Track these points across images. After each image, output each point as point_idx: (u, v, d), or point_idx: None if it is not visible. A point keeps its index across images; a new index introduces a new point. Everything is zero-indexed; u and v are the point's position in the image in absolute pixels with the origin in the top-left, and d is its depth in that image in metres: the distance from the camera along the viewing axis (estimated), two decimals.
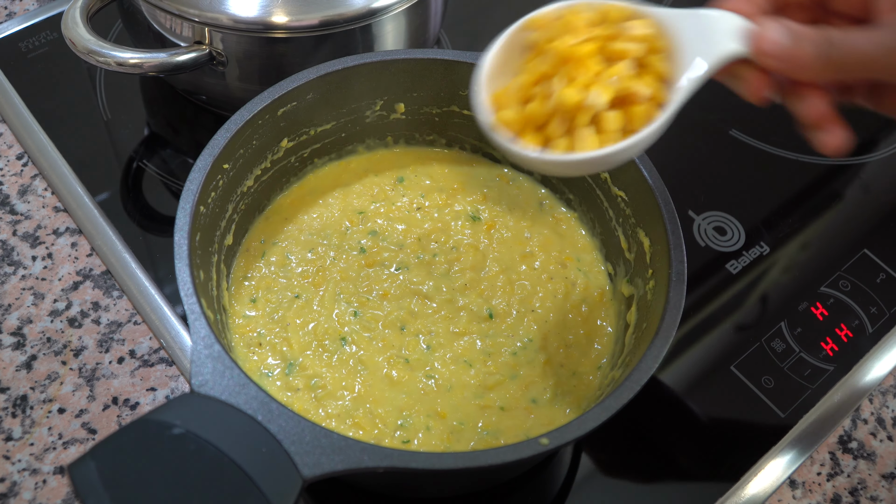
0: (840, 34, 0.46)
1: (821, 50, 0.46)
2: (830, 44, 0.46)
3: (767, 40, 0.47)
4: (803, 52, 0.46)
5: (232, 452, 0.45)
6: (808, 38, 0.46)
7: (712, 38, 0.49)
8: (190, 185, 0.60)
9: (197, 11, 0.74)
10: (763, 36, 0.48)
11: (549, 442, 0.50)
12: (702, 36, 0.49)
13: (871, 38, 0.45)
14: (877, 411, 0.73)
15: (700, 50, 0.49)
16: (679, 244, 0.59)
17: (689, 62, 0.49)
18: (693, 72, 0.49)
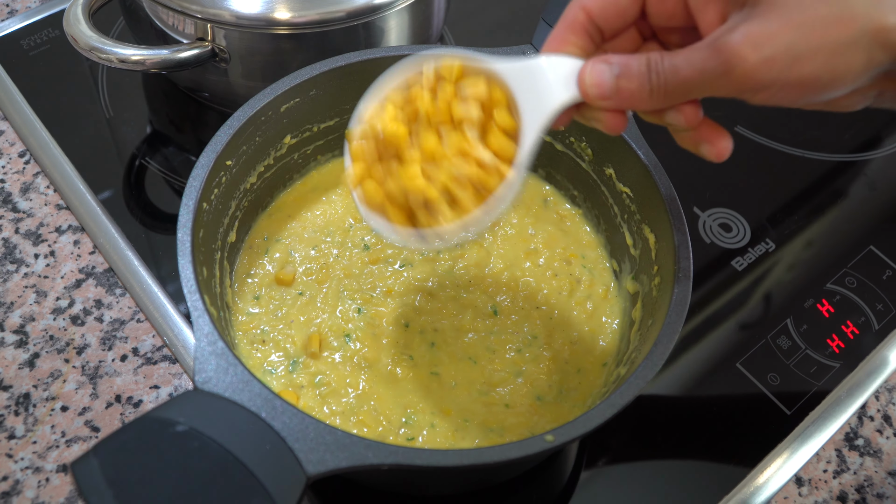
0: (659, 59, 0.45)
1: (643, 79, 0.45)
2: (650, 70, 0.45)
3: (590, 83, 0.47)
4: (628, 87, 0.46)
5: (236, 450, 0.45)
6: (628, 69, 0.46)
7: (543, 91, 0.49)
8: (193, 182, 0.60)
9: (199, 8, 0.73)
10: (585, 78, 0.47)
11: (554, 439, 0.49)
12: (533, 90, 0.49)
13: (688, 60, 0.44)
14: (883, 408, 0.72)
15: (534, 105, 0.49)
16: (685, 241, 0.59)
17: (527, 119, 0.50)
18: (530, 130, 0.49)
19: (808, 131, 0.92)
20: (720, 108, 0.92)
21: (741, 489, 0.66)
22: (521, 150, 0.50)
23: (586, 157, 0.70)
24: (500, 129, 0.50)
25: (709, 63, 0.42)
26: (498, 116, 0.50)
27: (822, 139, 0.92)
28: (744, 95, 0.43)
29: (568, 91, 0.48)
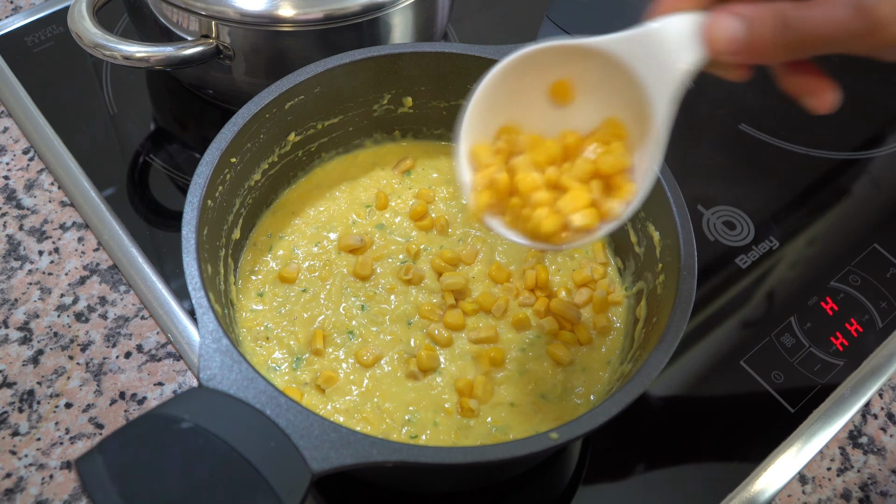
0: (794, 11, 0.43)
1: (777, 33, 0.43)
2: (785, 25, 0.43)
3: (720, 39, 0.45)
4: (760, 40, 0.44)
5: (240, 447, 0.45)
6: (762, 23, 0.43)
7: (665, 58, 0.46)
8: (197, 179, 0.60)
9: (203, 5, 0.73)
10: (714, 35, 0.45)
11: (558, 436, 0.49)
12: (654, 59, 0.46)
13: (827, 17, 0.42)
14: (887, 406, 0.72)
15: (658, 77, 0.47)
16: (689, 238, 0.59)
17: (654, 94, 0.47)
18: (661, 105, 0.47)
19: (811, 129, 0.92)
20: (725, 106, 0.92)
21: (745, 487, 0.66)
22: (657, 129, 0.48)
23: None
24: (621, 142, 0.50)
25: (852, 24, 0.41)
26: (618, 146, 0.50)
27: (825, 137, 0.92)
28: (877, 55, 0.43)
29: (693, 52, 0.46)
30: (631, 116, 0.49)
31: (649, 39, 0.46)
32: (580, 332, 0.66)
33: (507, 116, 0.52)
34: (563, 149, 0.51)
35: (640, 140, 0.50)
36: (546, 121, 0.52)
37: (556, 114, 0.51)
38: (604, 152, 0.50)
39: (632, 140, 0.50)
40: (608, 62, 0.48)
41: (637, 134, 0.50)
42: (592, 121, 0.51)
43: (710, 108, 0.92)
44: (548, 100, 0.51)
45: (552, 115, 0.51)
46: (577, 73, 0.50)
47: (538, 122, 0.52)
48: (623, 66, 0.47)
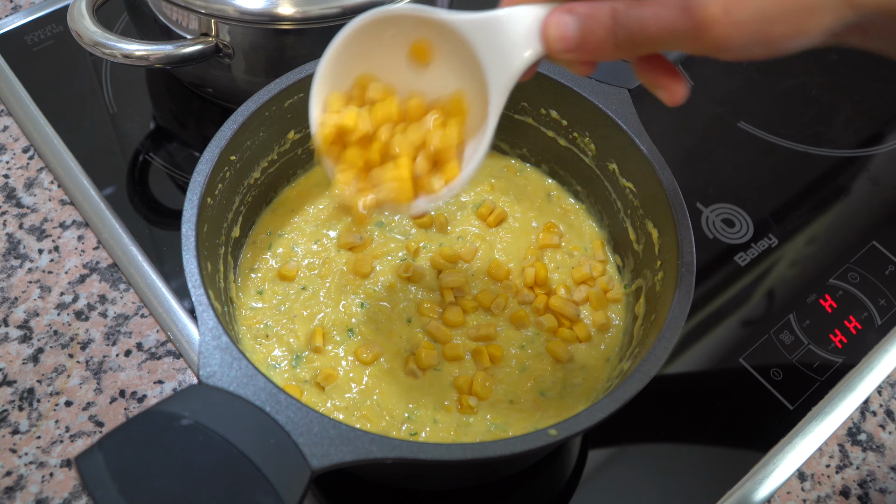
0: (626, 10, 0.43)
1: (609, 32, 0.43)
2: (616, 24, 0.43)
3: (554, 37, 0.45)
4: (592, 38, 0.44)
5: (240, 444, 0.45)
6: (594, 21, 0.44)
7: (506, 48, 0.47)
8: (197, 177, 0.60)
9: (203, 3, 0.73)
10: (549, 32, 0.46)
11: (557, 433, 0.49)
12: (496, 46, 0.48)
13: (657, 16, 0.42)
14: (886, 403, 0.72)
15: (497, 65, 0.48)
16: (688, 236, 0.59)
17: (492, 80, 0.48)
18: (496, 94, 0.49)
19: (810, 127, 0.92)
20: (724, 103, 0.92)
21: (744, 484, 0.66)
22: (490, 116, 0.49)
23: (590, 152, 0.70)
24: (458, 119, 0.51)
25: (679, 24, 0.41)
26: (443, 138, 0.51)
27: (824, 135, 0.92)
28: (710, 55, 0.42)
29: (532, 46, 0.47)
30: (474, 95, 0.51)
31: (496, 26, 0.47)
32: (579, 329, 0.66)
33: (365, 66, 0.53)
34: (404, 110, 0.52)
35: (477, 122, 0.51)
36: (402, 77, 0.53)
37: (412, 72, 0.52)
38: (438, 124, 0.52)
39: (470, 120, 0.52)
40: (459, 39, 0.49)
41: (475, 115, 0.51)
42: (443, 88, 0.52)
43: (710, 106, 0.92)
44: (407, 57, 0.52)
45: (408, 73, 0.52)
46: (435, 39, 0.51)
47: (394, 77, 0.53)
48: (469, 48, 0.49)
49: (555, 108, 0.70)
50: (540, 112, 0.72)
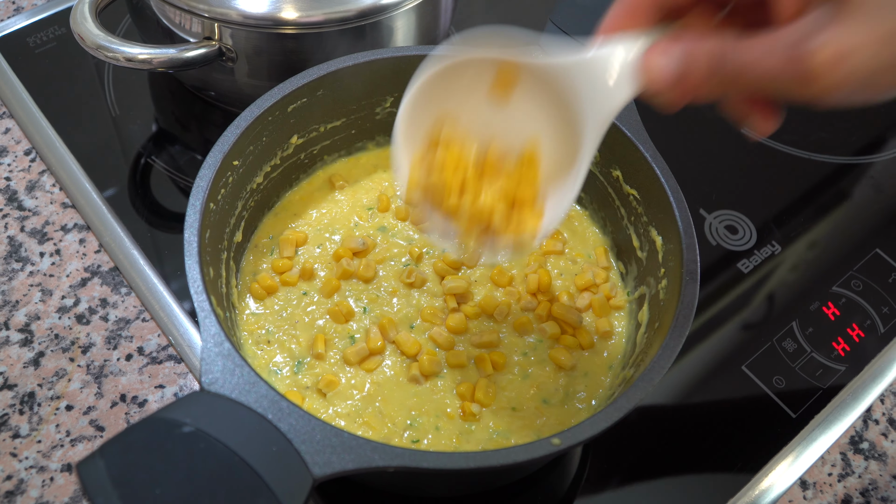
0: (730, 51, 0.41)
1: (712, 72, 0.42)
2: (721, 64, 0.42)
3: (655, 77, 0.44)
4: (694, 77, 0.43)
5: (242, 451, 0.45)
6: (697, 59, 0.42)
7: (604, 87, 0.46)
8: (200, 182, 0.60)
9: (206, 7, 0.73)
10: (648, 72, 0.44)
11: (560, 442, 0.49)
12: (593, 87, 0.46)
13: (763, 61, 0.40)
14: (888, 412, 0.72)
15: (594, 106, 0.47)
16: (692, 243, 0.59)
17: (588, 120, 0.48)
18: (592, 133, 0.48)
19: (813, 133, 0.92)
20: None
21: (746, 492, 0.66)
22: (582, 159, 0.48)
23: (594, 158, 0.70)
24: None
25: (786, 71, 0.39)
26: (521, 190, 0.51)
27: (827, 141, 0.92)
28: (813, 103, 0.41)
29: (629, 86, 0.46)
30: (557, 132, 0.50)
31: (591, 68, 0.46)
32: (582, 336, 0.66)
33: (444, 104, 0.52)
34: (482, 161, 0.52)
35: (561, 157, 0.50)
36: (479, 113, 0.52)
37: (490, 107, 0.51)
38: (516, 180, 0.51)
39: (553, 156, 0.51)
40: (550, 81, 0.48)
41: (559, 151, 0.50)
42: (523, 125, 0.51)
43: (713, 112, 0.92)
44: (487, 93, 0.51)
45: (487, 108, 0.51)
46: (520, 76, 0.50)
47: (472, 113, 0.52)
48: (562, 90, 0.48)
49: None
50: None
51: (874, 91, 0.40)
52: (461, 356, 0.64)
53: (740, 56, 0.41)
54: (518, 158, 0.51)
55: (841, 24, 0.38)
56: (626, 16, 0.45)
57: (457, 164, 0.51)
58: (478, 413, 0.61)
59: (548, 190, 0.51)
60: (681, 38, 0.44)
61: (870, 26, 0.38)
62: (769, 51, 0.40)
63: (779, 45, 0.40)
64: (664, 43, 0.44)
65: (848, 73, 0.38)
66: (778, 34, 0.40)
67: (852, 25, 0.38)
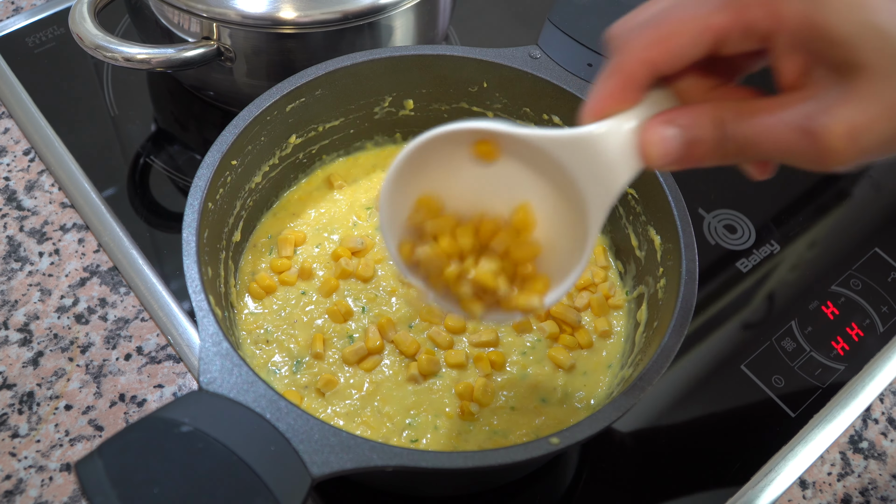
0: (735, 121, 0.40)
1: (716, 144, 0.41)
2: (724, 136, 0.40)
3: (656, 154, 0.42)
4: (697, 150, 0.41)
5: (240, 451, 0.44)
6: (699, 132, 0.41)
7: (603, 168, 0.44)
8: (198, 182, 0.60)
9: (205, 7, 0.73)
10: (648, 150, 0.42)
11: (559, 441, 0.49)
12: (591, 167, 0.44)
13: (771, 133, 0.39)
14: (888, 411, 0.72)
15: (595, 188, 0.44)
16: (691, 242, 0.59)
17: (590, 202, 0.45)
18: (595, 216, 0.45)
19: None
20: None
21: (745, 492, 0.66)
22: (589, 236, 0.46)
23: None
24: None
25: (799, 145, 0.38)
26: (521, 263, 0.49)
27: None
28: (817, 170, 0.40)
29: (630, 164, 0.43)
30: (553, 201, 0.47)
31: (588, 146, 0.43)
32: (581, 335, 0.66)
33: (428, 177, 0.49)
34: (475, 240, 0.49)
35: (561, 230, 0.48)
36: (465, 185, 0.49)
37: (475, 179, 0.48)
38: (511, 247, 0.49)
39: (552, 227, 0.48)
40: (539, 153, 0.45)
41: (558, 220, 0.48)
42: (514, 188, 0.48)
43: None
44: (469, 163, 0.48)
45: (471, 179, 0.48)
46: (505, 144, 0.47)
47: (457, 186, 0.49)
48: (556, 165, 0.45)
49: (557, 113, 0.70)
50: (542, 117, 0.71)
51: (886, 155, 0.39)
52: (460, 355, 0.64)
53: (749, 127, 0.40)
54: (510, 224, 0.49)
55: (853, 98, 0.37)
56: (618, 94, 0.43)
57: (450, 237, 0.49)
58: (476, 412, 0.61)
59: (552, 256, 0.49)
60: (681, 110, 0.42)
61: (881, 99, 0.37)
62: (780, 123, 0.39)
63: (790, 118, 0.39)
64: (665, 116, 0.42)
65: (863, 148, 0.37)
66: (787, 106, 0.39)
67: (865, 99, 0.37)
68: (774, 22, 0.38)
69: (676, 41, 0.40)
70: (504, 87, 0.71)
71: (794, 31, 0.38)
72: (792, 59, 0.39)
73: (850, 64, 0.37)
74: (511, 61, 0.69)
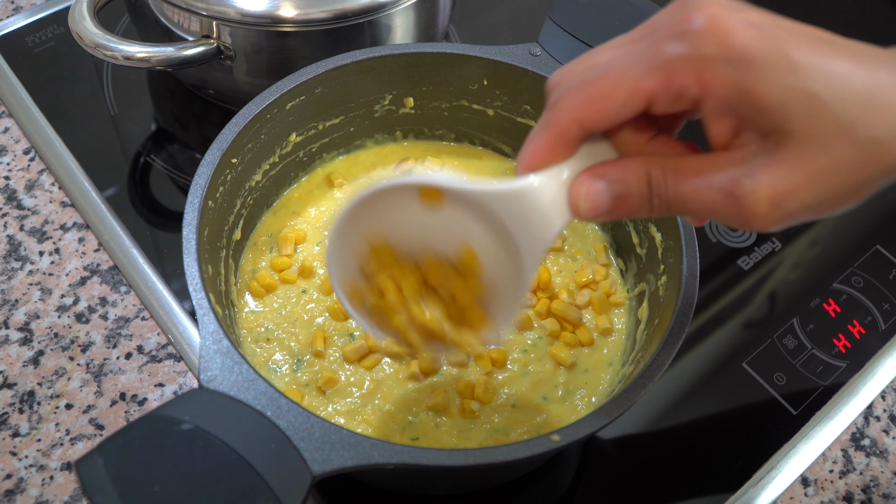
0: (662, 179, 0.41)
1: (643, 199, 0.42)
2: (652, 192, 0.41)
3: (586, 207, 0.43)
4: (625, 205, 0.42)
5: (241, 448, 0.44)
6: (630, 190, 0.42)
7: (536, 219, 0.45)
8: (198, 180, 0.60)
9: (204, 5, 0.73)
10: (578, 204, 0.43)
11: (560, 439, 0.49)
12: (525, 219, 0.45)
13: (698, 195, 0.40)
14: (889, 408, 0.72)
15: (529, 238, 0.46)
16: (692, 239, 0.59)
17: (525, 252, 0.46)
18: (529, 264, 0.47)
19: None
20: None
21: (747, 489, 0.66)
22: (523, 279, 0.47)
23: None
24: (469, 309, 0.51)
25: (721, 207, 0.39)
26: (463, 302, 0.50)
27: None
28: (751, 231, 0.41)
29: (562, 216, 0.44)
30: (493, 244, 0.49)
31: (521, 199, 0.44)
32: (582, 333, 0.66)
33: (372, 228, 0.51)
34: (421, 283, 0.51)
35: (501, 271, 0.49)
36: (409, 230, 0.50)
37: (419, 224, 0.50)
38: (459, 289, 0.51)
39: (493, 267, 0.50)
40: (478, 204, 0.46)
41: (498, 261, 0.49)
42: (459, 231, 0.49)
43: None
44: (414, 210, 0.49)
45: (416, 224, 0.50)
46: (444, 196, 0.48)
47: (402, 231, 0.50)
48: (493, 214, 0.46)
49: None
50: None
51: (816, 217, 0.40)
52: (460, 354, 0.64)
53: (677, 186, 0.40)
54: (455, 265, 0.50)
55: (778, 164, 0.37)
56: (550, 149, 0.43)
57: (395, 284, 0.51)
58: (477, 410, 0.61)
59: (493, 295, 0.51)
60: (611, 165, 0.43)
61: (808, 166, 0.37)
62: (706, 183, 0.40)
63: (717, 181, 0.39)
64: (594, 171, 0.43)
65: (787, 213, 0.38)
66: (715, 167, 0.40)
67: (789, 165, 0.37)
68: (703, 88, 0.38)
69: (607, 102, 0.40)
70: (504, 85, 0.71)
71: (722, 97, 0.38)
72: (722, 122, 0.40)
73: (777, 130, 0.37)
74: (511, 59, 0.69)
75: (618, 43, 0.42)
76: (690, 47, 0.38)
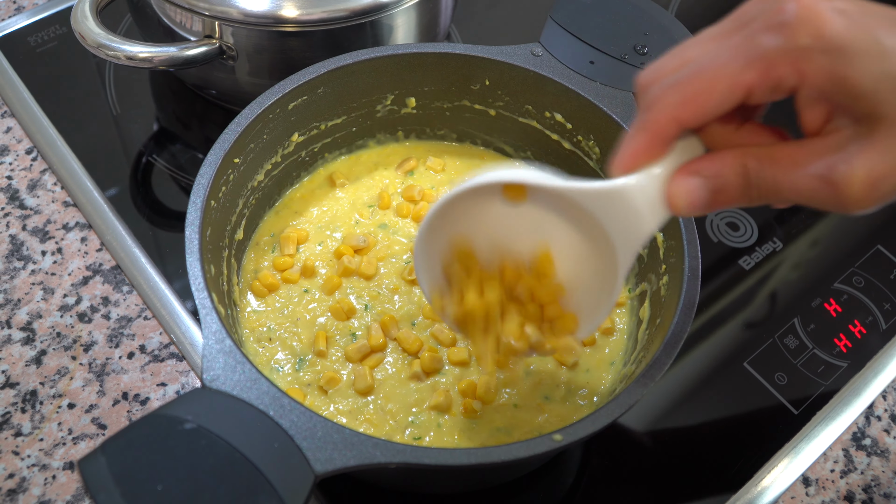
0: (758, 168, 0.42)
1: (740, 191, 0.42)
2: (749, 184, 0.42)
3: (684, 204, 0.44)
4: (722, 198, 0.43)
5: (244, 448, 0.45)
6: (727, 183, 0.42)
7: (631, 218, 0.46)
8: (201, 180, 0.60)
9: (207, 5, 0.73)
10: (675, 201, 0.44)
11: (562, 438, 0.49)
12: (620, 218, 0.46)
13: (793, 183, 0.41)
14: (890, 408, 0.72)
15: (623, 236, 0.47)
16: (693, 239, 0.59)
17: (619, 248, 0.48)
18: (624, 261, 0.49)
19: None
20: None
21: (748, 489, 0.66)
22: (618, 279, 0.49)
23: (594, 155, 0.70)
24: None
25: (819, 193, 0.40)
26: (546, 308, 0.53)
27: None
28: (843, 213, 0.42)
29: (658, 213, 0.45)
30: (578, 242, 0.50)
31: (617, 198, 0.46)
32: None
33: (456, 231, 0.53)
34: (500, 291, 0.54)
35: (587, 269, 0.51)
36: (493, 219, 0.52)
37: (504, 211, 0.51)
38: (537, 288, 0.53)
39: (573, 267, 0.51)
40: (566, 201, 0.48)
41: (582, 260, 0.51)
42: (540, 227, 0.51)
43: None
44: (500, 196, 0.51)
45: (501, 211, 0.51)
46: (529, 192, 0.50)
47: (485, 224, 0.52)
48: (588, 214, 0.47)
49: (559, 111, 0.70)
50: (544, 115, 0.71)
51: None
52: (463, 353, 0.64)
53: (773, 176, 0.41)
54: (532, 268, 0.52)
55: (872, 148, 0.39)
56: (648, 150, 0.44)
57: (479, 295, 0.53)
58: (479, 410, 0.61)
59: (578, 294, 0.53)
60: (707, 160, 0.43)
61: None
62: (802, 171, 0.40)
63: (812, 167, 0.40)
64: (691, 167, 0.44)
65: (882, 195, 0.39)
66: (810, 155, 0.40)
67: (883, 148, 0.38)
68: (800, 78, 0.39)
69: (706, 99, 0.41)
70: (506, 85, 0.71)
71: (818, 85, 0.39)
72: (816, 109, 0.41)
73: (871, 115, 0.38)
74: (513, 59, 0.69)
75: (708, 37, 0.43)
76: (787, 39, 0.39)
